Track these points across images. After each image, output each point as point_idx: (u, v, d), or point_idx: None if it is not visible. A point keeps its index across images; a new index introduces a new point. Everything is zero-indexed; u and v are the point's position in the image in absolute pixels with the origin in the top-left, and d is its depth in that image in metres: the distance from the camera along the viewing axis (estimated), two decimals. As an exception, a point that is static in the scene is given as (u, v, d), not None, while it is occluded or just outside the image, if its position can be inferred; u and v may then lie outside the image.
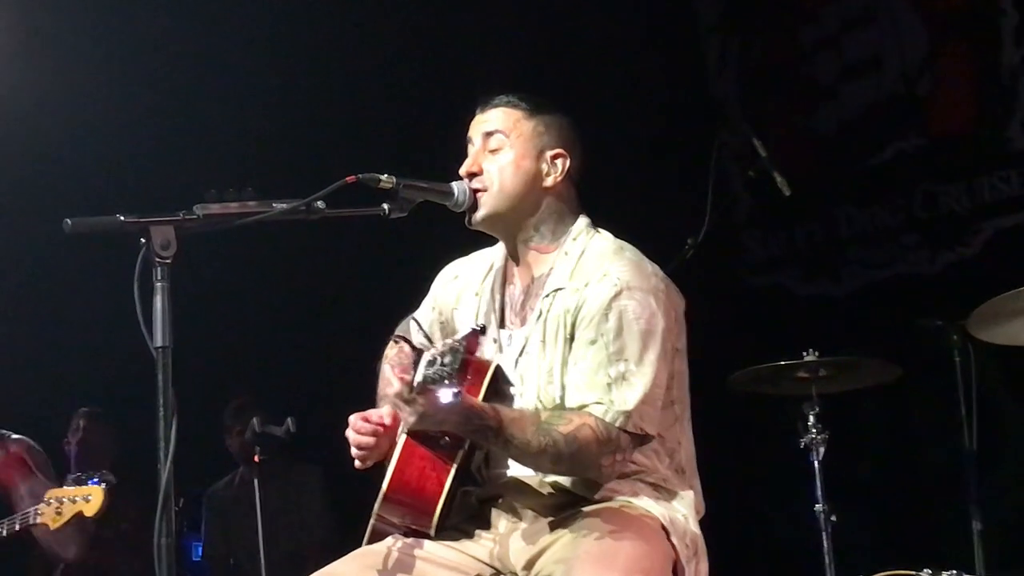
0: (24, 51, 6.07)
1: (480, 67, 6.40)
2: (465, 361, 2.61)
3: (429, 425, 2.83)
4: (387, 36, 6.82)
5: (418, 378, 2.63)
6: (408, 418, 2.78)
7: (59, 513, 4.57)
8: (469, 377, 2.93)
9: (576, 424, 2.86)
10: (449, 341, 2.65)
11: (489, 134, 3.10)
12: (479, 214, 3.07)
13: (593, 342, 2.93)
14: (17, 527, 4.72)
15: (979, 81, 6.34)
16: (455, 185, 3.06)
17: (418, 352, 2.68)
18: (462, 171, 3.09)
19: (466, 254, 3.32)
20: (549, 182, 3.09)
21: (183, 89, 6.48)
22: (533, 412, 2.94)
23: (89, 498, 4.53)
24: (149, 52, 6.39)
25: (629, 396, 2.89)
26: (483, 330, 2.77)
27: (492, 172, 3.07)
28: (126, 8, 6.20)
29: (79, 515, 4.53)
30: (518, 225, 3.10)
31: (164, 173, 6.16)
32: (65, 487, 4.76)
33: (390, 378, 2.80)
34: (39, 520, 4.62)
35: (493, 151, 3.09)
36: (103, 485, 4.59)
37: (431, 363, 2.62)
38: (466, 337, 2.65)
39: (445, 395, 2.60)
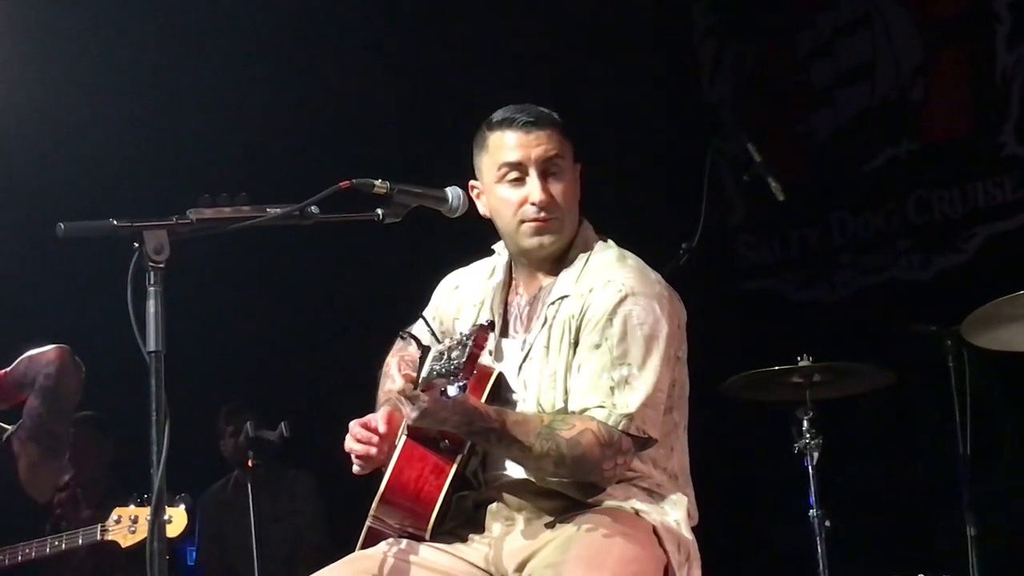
0: (18, 56, 6.06)
1: (475, 73, 6.41)
2: (472, 355, 2.60)
3: (431, 423, 2.82)
4: (384, 43, 6.82)
5: (424, 373, 2.63)
6: (411, 414, 2.77)
7: (133, 532, 4.51)
8: (473, 381, 2.94)
9: (579, 428, 2.87)
10: (458, 336, 2.65)
11: (549, 159, 3.05)
12: (551, 241, 3.05)
13: (597, 346, 2.95)
14: (80, 542, 4.64)
15: (973, 86, 6.35)
16: (449, 191, 3.05)
17: (425, 350, 2.67)
18: (534, 200, 3.01)
19: (462, 259, 3.32)
20: (579, 196, 3.12)
21: (178, 94, 6.47)
22: (536, 416, 2.95)
23: (170, 519, 4.44)
24: (144, 57, 6.38)
25: (631, 399, 2.91)
26: (491, 325, 2.78)
27: (560, 201, 3.04)
28: (120, 12, 6.20)
29: None
30: (566, 243, 3.10)
31: (158, 178, 6.16)
32: (133, 506, 4.64)
33: (394, 374, 2.80)
34: (107, 537, 4.55)
35: (553, 175, 3.05)
36: (182, 506, 4.53)
37: (438, 358, 2.62)
38: (474, 332, 2.65)
39: (452, 389, 2.59)
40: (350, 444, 3.06)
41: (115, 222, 2.68)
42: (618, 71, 6.79)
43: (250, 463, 5.91)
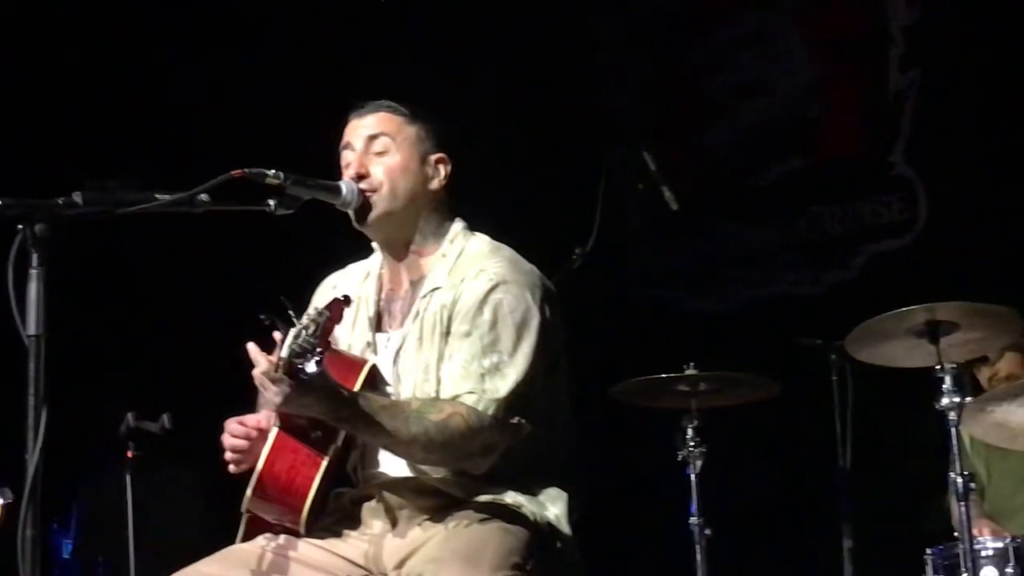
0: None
1: (367, 70, 6.37)
2: (327, 328, 2.60)
3: (296, 408, 2.79)
4: (276, 33, 6.77)
5: (283, 353, 2.61)
6: (274, 399, 2.74)
7: None
8: (344, 371, 2.92)
9: (448, 412, 2.88)
10: (312, 312, 2.63)
11: (373, 137, 3.11)
12: (372, 215, 3.08)
13: (468, 334, 2.97)
14: None
15: (865, 106, 6.45)
16: (343, 184, 3.06)
17: (286, 331, 2.65)
18: (349, 174, 3.08)
19: (351, 249, 3.31)
20: (434, 185, 3.14)
21: (67, 73, 6.35)
22: (405, 401, 2.95)
23: None
24: (28, 33, 6.26)
25: (501, 386, 2.93)
26: (347, 300, 2.76)
27: (381, 174, 3.08)
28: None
29: None
30: (406, 227, 3.12)
31: (44, 159, 6.03)
32: None
33: (256, 358, 2.76)
34: None
35: (379, 154, 3.10)
36: (1, 501, 4.43)
37: (296, 336, 2.61)
38: (329, 306, 2.65)
39: (309, 365, 2.59)
40: (226, 442, 3.03)
41: (-1, 201, 2.62)
42: (516, 74, 6.79)
43: (129, 454, 5.80)
